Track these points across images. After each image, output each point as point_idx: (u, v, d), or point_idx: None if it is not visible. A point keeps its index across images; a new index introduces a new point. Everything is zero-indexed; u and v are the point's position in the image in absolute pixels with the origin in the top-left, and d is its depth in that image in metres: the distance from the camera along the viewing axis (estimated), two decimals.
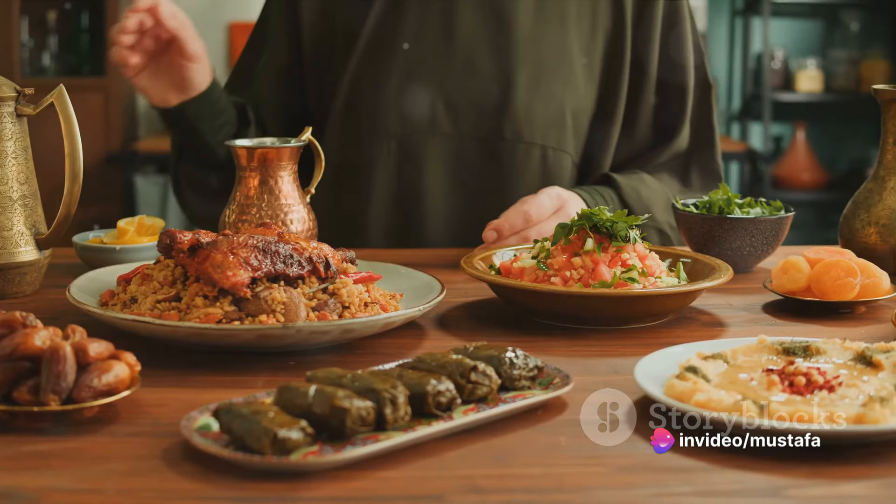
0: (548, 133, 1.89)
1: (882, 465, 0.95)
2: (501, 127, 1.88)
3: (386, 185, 1.90)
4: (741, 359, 1.16)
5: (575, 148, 1.93)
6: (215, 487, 0.90)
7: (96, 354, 1.05)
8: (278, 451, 0.93)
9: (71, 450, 0.97)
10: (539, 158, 1.89)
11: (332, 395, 0.97)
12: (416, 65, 1.88)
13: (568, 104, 1.90)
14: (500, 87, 1.87)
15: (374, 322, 1.24)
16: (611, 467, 0.94)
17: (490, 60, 1.88)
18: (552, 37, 1.89)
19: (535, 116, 1.88)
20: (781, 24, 5.98)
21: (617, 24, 1.92)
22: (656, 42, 1.94)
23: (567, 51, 1.90)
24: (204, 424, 0.99)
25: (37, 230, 1.49)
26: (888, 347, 1.14)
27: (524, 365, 1.11)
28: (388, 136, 1.89)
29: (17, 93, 1.47)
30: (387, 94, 1.88)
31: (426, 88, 1.87)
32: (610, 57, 1.93)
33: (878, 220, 1.62)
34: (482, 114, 1.88)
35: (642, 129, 1.97)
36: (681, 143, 1.98)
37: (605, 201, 1.81)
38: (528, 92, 1.88)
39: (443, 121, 1.88)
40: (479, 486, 0.90)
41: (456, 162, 1.89)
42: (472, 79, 1.88)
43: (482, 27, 1.88)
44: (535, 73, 1.88)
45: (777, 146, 5.98)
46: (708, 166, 2.01)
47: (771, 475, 0.93)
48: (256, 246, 1.28)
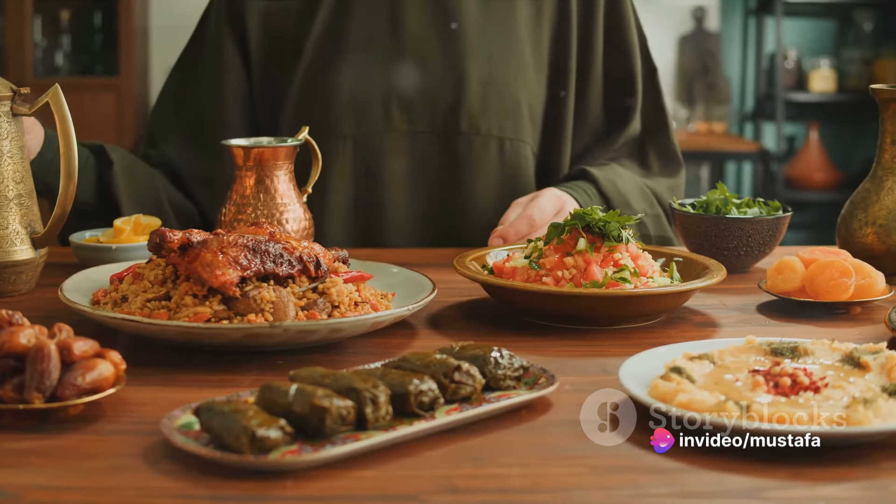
0: (504, 124, 1.90)
1: (864, 468, 0.95)
2: (457, 121, 1.88)
3: (343, 186, 1.89)
4: (728, 359, 1.15)
5: (532, 137, 1.93)
6: (193, 486, 0.90)
7: (81, 353, 1.06)
8: (257, 449, 0.93)
9: (53, 447, 0.98)
10: (497, 150, 1.90)
11: (312, 395, 0.97)
12: (366, 66, 1.88)
13: (522, 93, 1.91)
14: (453, 81, 1.88)
15: (362, 322, 1.24)
16: (590, 468, 0.94)
17: (440, 56, 1.88)
18: (500, 27, 1.90)
19: (490, 108, 1.88)
20: (794, 24, 5.96)
21: (562, 10, 1.93)
22: (600, 27, 1.95)
23: (516, 40, 1.91)
24: (186, 423, 0.99)
25: (32, 229, 1.50)
26: (876, 349, 1.14)
27: (509, 365, 1.11)
28: (342, 138, 1.88)
29: (12, 92, 1.47)
30: (339, 95, 1.87)
31: (378, 88, 1.87)
32: (556, 44, 1.94)
33: (876, 220, 1.61)
34: (436, 109, 1.88)
35: (595, 116, 1.98)
36: (635, 127, 1.98)
37: (588, 197, 1.81)
38: (480, 84, 1.88)
39: (397, 119, 1.88)
40: (456, 486, 0.90)
41: (414, 159, 1.89)
42: (424, 75, 1.88)
43: (430, 23, 1.88)
44: (485, 64, 1.89)
45: (790, 146, 5.96)
46: (665, 147, 2.01)
47: (750, 476, 0.93)
48: (246, 245, 1.28)
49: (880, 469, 0.95)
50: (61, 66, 5.58)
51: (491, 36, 1.89)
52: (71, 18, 5.58)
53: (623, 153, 1.97)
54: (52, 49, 5.57)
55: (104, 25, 5.61)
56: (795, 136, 6.00)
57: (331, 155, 1.87)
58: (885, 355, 1.11)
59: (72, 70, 5.60)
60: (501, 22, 1.90)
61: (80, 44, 5.64)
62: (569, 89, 1.94)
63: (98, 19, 5.62)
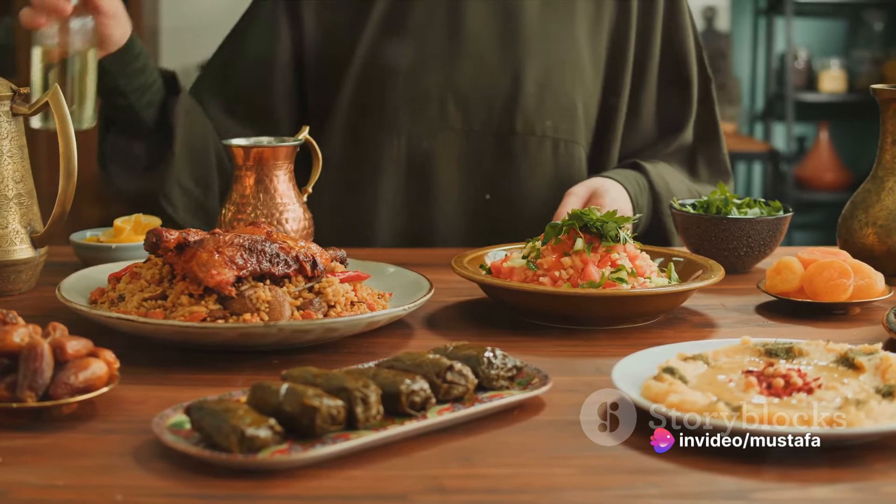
0: (559, 125, 1.89)
1: (854, 469, 0.94)
2: (512, 120, 1.87)
3: (394, 181, 1.89)
4: (723, 360, 1.15)
5: (586, 138, 1.93)
6: (182, 484, 0.90)
7: (74, 352, 1.06)
8: (246, 449, 0.93)
9: (45, 446, 0.98)
10: (551, 150, 1.89)
11: (303, 394, 0.97)
12: (424, 61, 1.87)
13: (578, 95, 1.90)
14: (510, 80, 1.87)
15: (357, 321, 1.24)
16: (579, 468, 0.94)
17: (498, 54, 1.87)
18: (560, 28, 1.89)
19: (546, 109, 1.88)
20: (805, 24, 5.94)
21: (621, 15, 1.92)
22: (658, 32, 1.95)
23: (574, 41, 1.90)
24: (177, 422, 1.00)
25: (32, 228, 1.50)
26: (871, 350, 1.13)
27: (502, 365, 1.11)
28: (396, 133, 1.88)
29: (12, 92, 1.48)
30: (395, 90, 1.87)
31: (435, 85, 1.87)
32: (614, 46, 1.93)
33: (876, 220, 1.61)
34: (492, 108, 1.87)
35: (646, 122, 1.97)
36: (687, 137, 1.98)
37: (638, 188, 1.81)
38: (537, 84, 1.87)
39: (453, 116, 1.87)
40: (444, 486, 0.90)
41: (467, 157, 1.88)
42: (482, 73, 1.87)
43: (491, 21, 1.88)
44: (543, 65, 1.88)
45: (800, 146, 5.94)
46: (715, 158, 2.00)
47: (739, 478, 0.92)
48: (242, 245, 1.28)
49: (872, 470, 0.94)
50: None
51: (550, 36, 1.88)
52: None
53: (674, 160, 1.97)
54: None
55: None
56: (805, 136, 5.98)
57: (383, 149, 1.87)
58: (880, 356, 1.11)
59: None
60: (561, 22, 1.89)
61: None
62: (623, 92, 1.93)
63: None
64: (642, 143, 1.98)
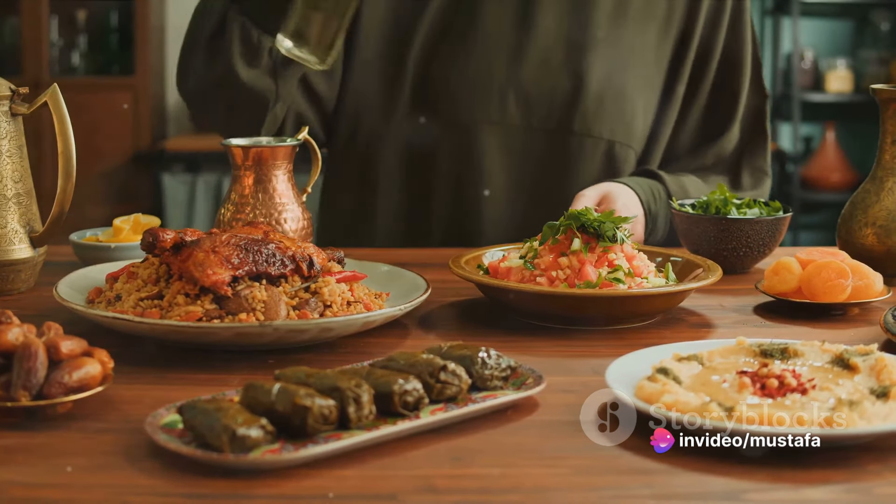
0: (616, 128, 1.89)
1: (848, 470, 0.94)
2: (571, 121, 1.87)
3: (446, 172, 1.88)
4: (717, 360, 1.15)
5: (639, 142, 1.92)
6: (173, 484, 0.90)
7: (68, 351, 1.06)
8: (237, 448, 0.93)
9: (38, 445, 0.98)
10: (604, 152, 1.89)
11: (294, 394, 0.97)
12: (489, 55, 1.86)
13: (638, 100, 1.90)
14: (573, 82, 1.86)
15: (352, 321, 1.24)
16: (571, 469, 0.94)
17: (565, 54, 1.86)
18: (628, 33, 1.88)
19: (606, 112, 1.87)
20: (811, 24, 5.93)
21: (689, 20, 1.92)
22: (720, 45, 1.94)
23: (642, 48, 1.89)
24: (170, 421, 1.00)
25: (31, 228, 1.51)
26: (867, 350, 1.13)
27: (496, 365, 1.11)
28: (454, 124, 1.87)
29: (11, 92, 1.48)
30: (457, 82, 1.85)
31: (497, 79, 1.85)
32: (676, 52, 1.93)
33: (876, 220, 1.60)
34: (553, 107, 1.87)
35: (691, 126, 1.96)
36: (725, 145, 1.97)
37: (651, 193, 1.81)
38: (599, 87, 1.87)
39: (512, 112, 1.86)
40: (435, 486, 0.90)
41: (521, 154, 1.88)
42: (546, 71, 1.86)
43: (561, 20, 1.87)
44: (609, 68, 1.87)
45: (807, 146, 5.93)
46: (759, 168, 2.00)
47: (732, 478, 0.92)
48: (238, 244, 1.29)
49: (865, 471, 0.94)
50: (78, 65, 5.61)
51: (618, 40, 1.88)
52: (87, 18, 5.61)
53: (717, 171, 1.96)
54: (68, 49, 5.60)
55: (120, 25, 5.64)
56: (812, 136, 5.97)
57: (439, 140, 1.87)
58: (875, 357, 1.11)
59: (88, 69, 5.64)
60: (631, 27, 1.89)
61: (97, 43, 5.67)
62: (676, 99, 1.93)
63: (114, 19, 5.65)
64: (682, 148, 1.97)
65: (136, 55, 5.47)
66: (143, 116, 5.53)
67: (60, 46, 5.57)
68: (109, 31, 5.66)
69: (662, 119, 1.94)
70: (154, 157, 5.43)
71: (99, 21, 5.65)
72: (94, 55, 5.66)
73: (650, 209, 1.80)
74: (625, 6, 1.88)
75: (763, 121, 2.00)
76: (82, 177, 5.72)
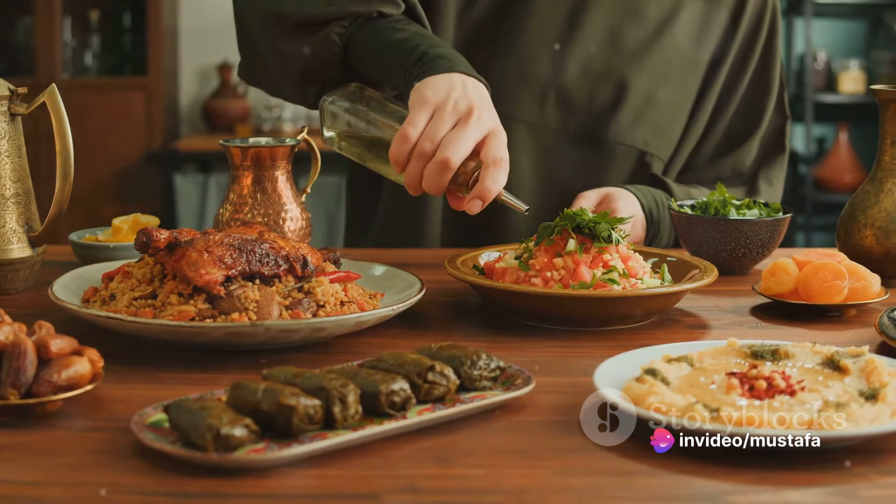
0: (649, 139, 1.87)
1: (832, 473, 0.94)
2: (606, 129, 1.85)
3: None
4: (708, 362, 1.15)
5: (668, 153, 1.91)
6: (156, 482, 0.91)
7: (58, 350, 1.07)
8: (221, 447, 0.93)
9: (25, 443, 0.99)
10: (635, 161, 1.88)
11: (280, 393, 0.98)
12: (534, 52, 1.84)
13: (674, 113, 1.89)
14: (613, 91, 1.85)
15: (344, 321, 1.24)
16: (554, 470, 0.94)
17: (609, 61, 1.85)
18: (671, 46, 1.87)
19: (642, 122, 1.86)
20: (824, 25, 5.91)
21: (727, 36, 1.91)
22: (755, 61, 1.94)
23: (682, 62, 1.89)
24: (157, 420, 1.00)
25: (30, 227, 1.51)
26: (858, 352, 1.13)
27: (485, 365, 1.11)
28: None
29: (10, 92, 1.49)
30: (499, 80, 1.82)
31: (538, 81, 1.83)
32: (711, 68, 1.92)
33: (875, 222, 1.60)
34: (590, 113, 1.85)
35: (714, 139, 1.96)
36: (743, 159, 1.96)
37: (654, 200, 1.80)
38: (638, 98, 1.85)
39: (550, 115, 1.85)
40: (417, 486, 0.90)
41: (552, 157, 1.86)
42: (588, 77, 1.85)
43: (609, 27, 1.85)
44: (650, 79, 1.86)
45: (820, 148, 5.91)
46: (776, 178, 1.99)
47: (715, 480, 0.92)
48: (232, 244, 1.29)
49: (851, 474, 0.94)
50: (90, 66, 5.64)
51: (661, 52, 1.87)
52: (100, 19, 5.64)
53: (734, 183, 1.95)
54: (81, 49, 5.63)
55: (133, 26, 5.66)
56: (825, 137, 5.95)
57: None
58: (865, 359, 1.10)
59: (101, 70, 5.66)
60: (674, 40, 1.87)
61: (110, 44, 5.69)
62: (704, 115, 1.92)
63: (127, 20, 5.68)
64: (700, 161, 1.97)
65: (149, 56, 5.49)
66: (156, 117, 5.55)
67: (73, 47, 5.60)
68: (122, 31, 5.69)
69: (690, 132, 1.93)
70: (166, 157, 5.45)
71: (112, 22, 5.67)
72: (107, 56, 5.69)
73: (652, 214, 1.79)
74: (671, 20, 1.88)
75: (783, 138, 2.00)
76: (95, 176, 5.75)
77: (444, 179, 1.41)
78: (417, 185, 1.44)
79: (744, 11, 1.91)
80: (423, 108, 1.45)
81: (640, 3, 1.86)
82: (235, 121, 5.69)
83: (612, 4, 1.85)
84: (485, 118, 1.44)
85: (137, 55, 5.62)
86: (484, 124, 1.44)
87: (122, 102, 5.53)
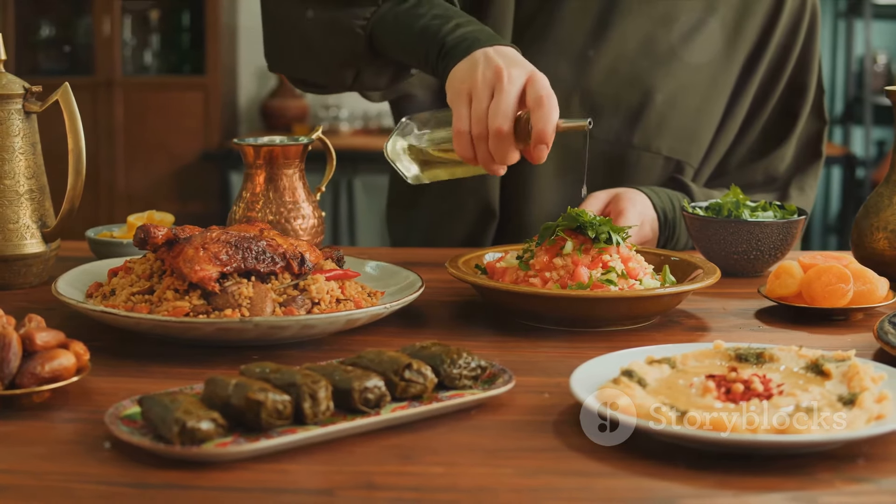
0: (675, 146, 1.87)
1: (796, 478, 0.93)
2: (631, 135, 1.85)
3: (492, 178, 1.86)
4: (691, 364, 1.14)
5: (697, 159, 1.90)
6: (120, 473, 0.92)
7: (43, 343, 1.09)
8: (188, 440, 0.95)
9: (5, 433, 1.01)
10: (661, 168, 1.87)
11: (248, 388, 0.99)
12: (561, 54, 1.85)
13: (703, 120, 1.88)
14: (639, 97, 1.84)
15: (335, 319, 1.25)
16: (514, 469, 0.94)
17: (636, 65, 1.85)
18: (701, 52, 1.86)
19: (668, 129, 1.86)
20: (884, 27, 5.81)
21: (760, 47, 1.90)
22: (789, 71, 1.93)
23: (710, 67, 1.88)
24: (132, 413, 1.02)
25: (43, 223, 1.54)
26: (843, 356, 1.11)
27: (465, 364, 1.11)
28: None
29: (24, 90, 1.52)
30: None
31: (564, 84, 1.82)
32: (743, 74, 1.91)
33: (887, 224, 1.57)
34: (615, 118, 1.85)
35: (746, 145, 1.94)
36: (777, 163, 1.94)
37: (670, 202, 1.79)
38: (664, 104, 1.85)
39: (574, 118, 1.84)
40: (374, 482, 0.91)
41: (575, 161, 1.86)
42: (613, 82, 1.85)
43: (636, 32, 1.85)
44: (677, 85, 1.86)
45: (879, 150, 5.81)
46: (808, 185, 1.98)
47: (674, 483, 0.91)
48: (229, 241, 1.31)
49: (815, 480, 0.93)
50: (150, 64, 5.72)
51: (689, 58, 1.86)
52: (160, 18, 5.72)
53: (767, 189, 1.94)
54: (140, 48, 5.71)
55: (192, 25, 5.74)
56: (885, 140, 5.84)
57: None
58: (848, 364, 1.09)
59: (160, 69, 5.75)
60: (704, 46, 1.87)
61: (169, 43, 5.78)
62: (737, 119, 1.91)
63: (186, 19, 5.75)
64: (732, 166, 1.95)
65: (208, 55, 5.56)
66: (214, 115, 5.61)
67: (133, 46, 5.68)
68: (181, 30, 5.77)
69: (720, 137, 1.92)
70: (223, 156, 5.51)
71: (171, 21, 5.76)
72: (167, 55, 5.77)
73: (666, 215, 1.78)
74: (701, 26, 1.86)
75: (819, 144, 1.97)
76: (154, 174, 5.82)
77: (507, 146, 1.43)
78: (492, 165, 1.47)
79: (780, 14, 1.89)
80: (459, 99, 1.47)
81: (673, 9, 1.85)
82: (293, 120, 5.74)
83: (646, 10, 1.84)
84: (514, 74, 1.45)
85: (196, 54, 5.69)
86: (516, 80, 1.44)
87: (180, 101, 5.60)
